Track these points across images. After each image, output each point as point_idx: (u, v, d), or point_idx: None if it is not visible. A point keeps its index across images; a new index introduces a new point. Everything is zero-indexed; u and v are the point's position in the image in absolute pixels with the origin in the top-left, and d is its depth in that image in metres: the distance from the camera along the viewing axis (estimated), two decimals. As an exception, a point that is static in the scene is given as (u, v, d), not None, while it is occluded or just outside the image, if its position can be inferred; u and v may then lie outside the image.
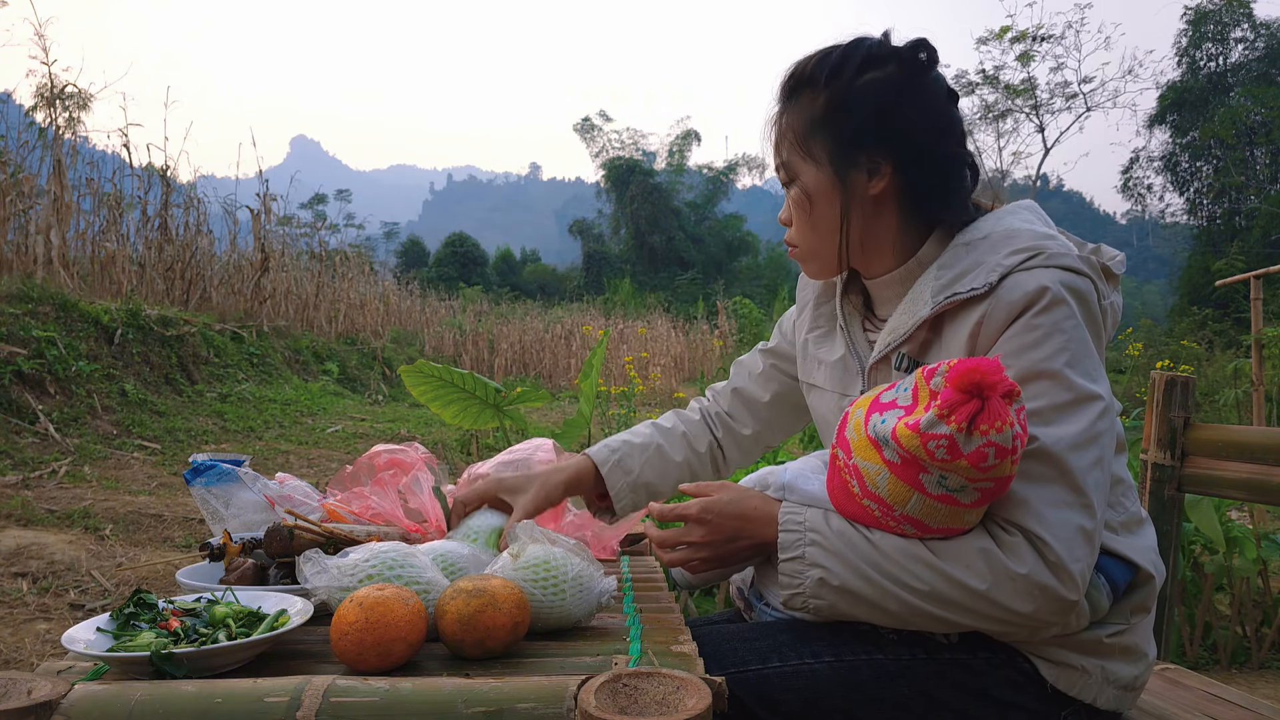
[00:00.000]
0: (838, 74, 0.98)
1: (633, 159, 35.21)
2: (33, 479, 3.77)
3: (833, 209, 1.01)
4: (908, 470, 0.83)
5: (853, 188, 1.00)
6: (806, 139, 1.01)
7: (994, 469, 0.79)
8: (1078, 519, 0.84)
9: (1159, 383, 1.50)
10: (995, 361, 0.78)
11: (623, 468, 1.26)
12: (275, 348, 8.15)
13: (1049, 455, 0.85)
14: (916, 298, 0.98)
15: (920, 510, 0.85)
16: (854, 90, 0.97)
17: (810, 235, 1.05)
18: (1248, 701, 1.26)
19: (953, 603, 0.86)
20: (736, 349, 13.35)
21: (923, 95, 0.99)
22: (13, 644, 2.28)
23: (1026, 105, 24.40)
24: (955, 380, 0.78)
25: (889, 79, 0.98)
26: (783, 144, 1.03)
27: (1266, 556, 2.81)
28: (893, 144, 0.98)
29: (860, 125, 0.98)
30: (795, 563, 0.92)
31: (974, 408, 0.77)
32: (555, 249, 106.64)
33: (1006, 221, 0.98)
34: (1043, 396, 0.87)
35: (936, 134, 1.00)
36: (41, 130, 7.38)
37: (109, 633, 0.80)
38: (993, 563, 0.84)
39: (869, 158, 0.99)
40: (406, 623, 0.78)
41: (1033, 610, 0.84)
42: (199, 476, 1.20)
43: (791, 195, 1.04)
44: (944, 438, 0.78)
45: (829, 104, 0.99)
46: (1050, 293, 0.88)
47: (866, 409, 0.89)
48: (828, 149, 1.00)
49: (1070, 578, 0.83)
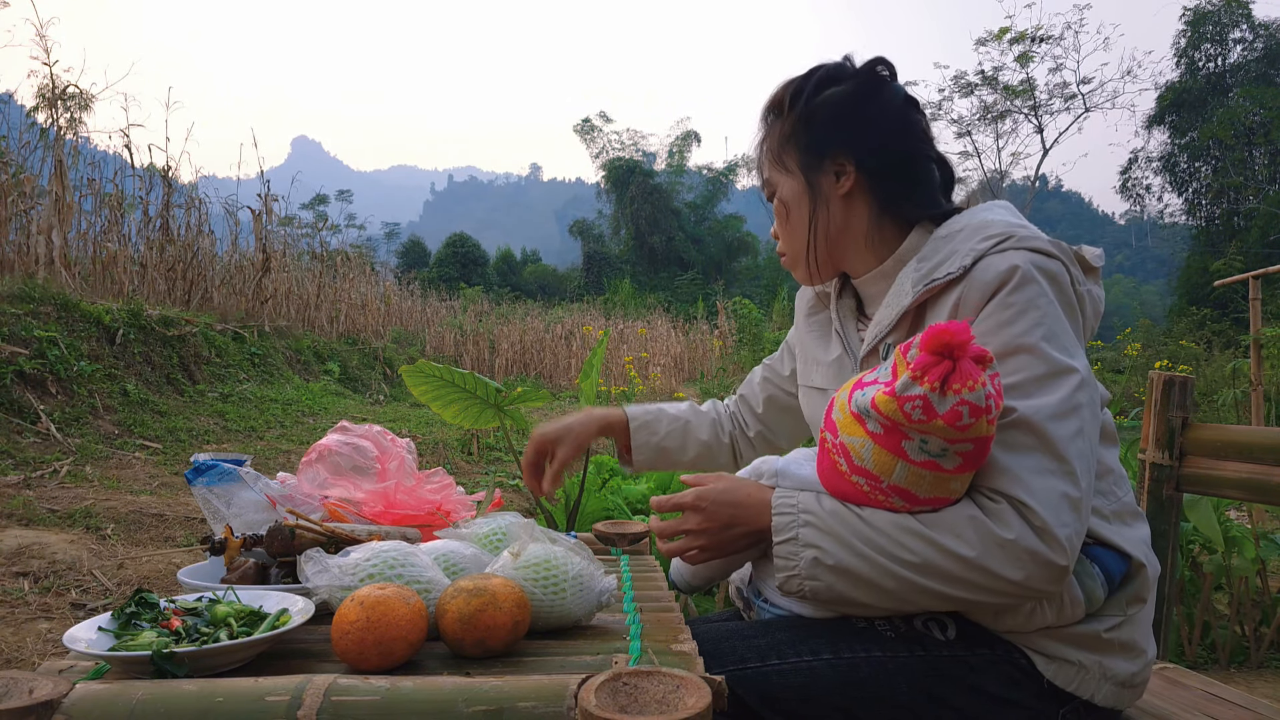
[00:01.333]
0: (799, 95, 1.09)
1: (633, 160, 35.19)
2: (34, 479, 3.78)
3: (804, 212, 1.10)
4: (890, 438, 0.86)
5: (821, 189, 1.09)
6: (780, 154, 1.11)
7: (971, 428, 0.81)
8: (1062, 486, 0.85)
9: (1158, 383, 1.50)
10: (964, 324, 0.81)
11: (649, 428, 1.37)
12: (276, 348, 8.15)
13: (1029, 424, 0.87)
14: (899, 290, 1.03)
15: (906, 479, 0.87)
16: (815, 105, 1.08)
17: (791, 240, 1.14)
18: (1247, 701, 1.26)
19: (945, 573, 0.86)
20: (736, 349, 13.33)
21: (879, 101, 1.07)
22: (14, 643, 2.29)
23: (1025, 106, 24.42)
24: (926, 344, 0.82)
25: (846, 92, 1.07)
26: (764, 164, 1.14)
27: (1265, 556, 2.81)
28: (852, 145, 1.07)
29: (823, 133, 1.07)
30: (790, 544, 0.93)
31: (946, 368, 0.80)
32: (555, 249, 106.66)
33: (981, 215, 1.03)
34: (1021, 370, 0.90)
35: (895, 134, 1.07)
36: (43, 131, 7.39)
37: (110, 632, 0.80)
38: (980, 529, 0.86)
39: (834, 161, 1.07)
40: (407, 622, 0.78)
41: (1024, 577, 0.84)
42: (200, 476, 1.21)
43: (775, 206, 1.14)
44: (919, 398, 0.81)
45: (795, 121, 1.09)
46: (1021, 270, 0.92)
47: (849, 389, 0.92)
48: (798, 159, 1.10)
49: (1057, 542, 0.84)
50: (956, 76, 24.69)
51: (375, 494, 1.25)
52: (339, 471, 1.28)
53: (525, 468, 1.34)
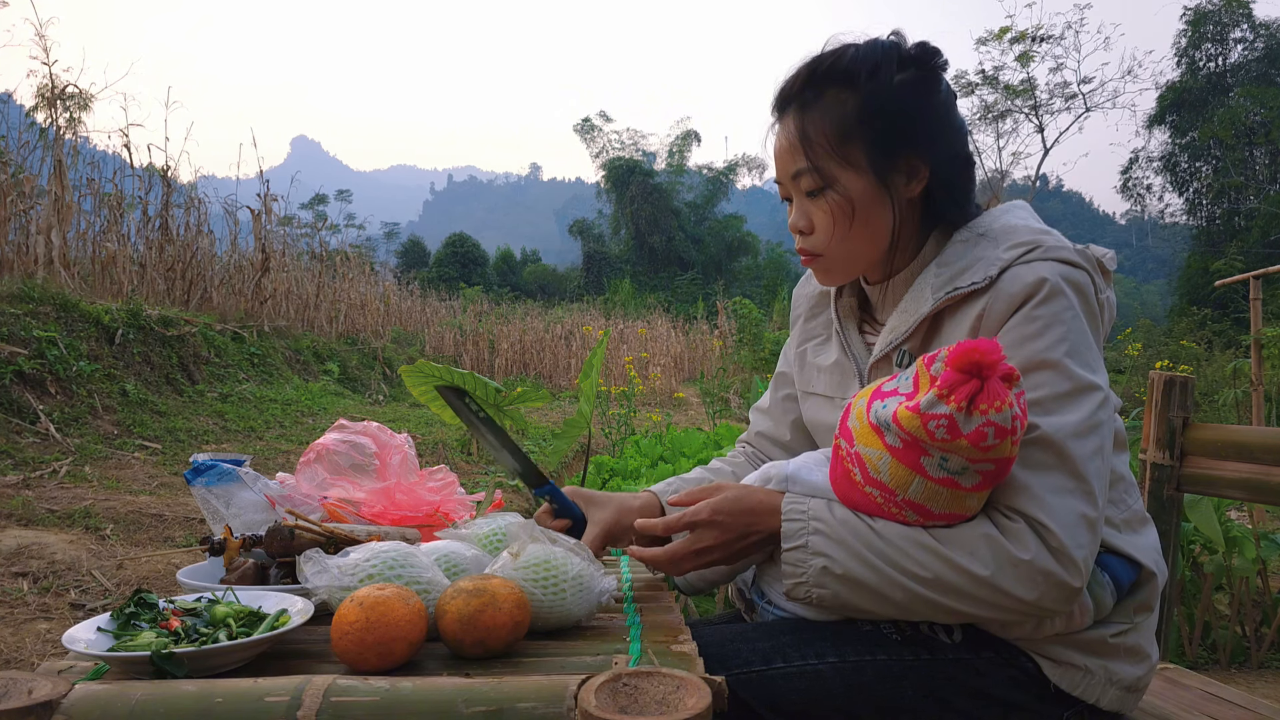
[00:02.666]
0: (875, 74, 0.96)
1: (633, 159, 35.20)
2: (33, 479, 3.78)
3: (881, 215, 0.99)
4: (909, 453, 0.84)
5: (896, 191, 0.99)
6: (842, 143, 0.97)
7: (994, 449, 0.80)
8: (1080, 506, 0.84)
9: (1158, 383, 1.50)
10: (994, 343, 0.79)
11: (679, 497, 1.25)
12: (276, 348, 8.15)
13: (1050, 443, 0.86)
14: (917, 295, 0.99)
15: (922, 494, 0.86)
16: (892, 91, 0.96)
17: (848, 242, 1.01)
18: (1247, 701, 1.26)
19: (957, 590, 0.85)
20: (736, 349, 13.34)
21: (947, 96, 1.01)
22: (13, 644, 2.28)
23: (1026, 105, 24.42)
24: (955, 361, 0.79)
25: (921, 80, 0.98)
26: (809, 149, 0.98)
27: (1265, 556, 2.81)
28: (931, 146, 0.98)
29: (901, 127, 0.97)
30: (799, 551, 0.92)
31: (973, 387, 0.78)
32: (555, 249, 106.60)
33: (1004, 219, 1.00)
34: (1044, 386, 0.88)
35: (958, 134, 1.02)
36: (42, 130, 7.38)
37: (110, 632, 0.80)
38: (996, 548, 0.85)
39: (907, 161, 0.98)
40: (407, 622, 0.78)
41: (1037, 597, 0.84)
42: (200, 476, 1.20)
43: (827, 202, 0.99)
44: (944, 417, 0.79)
45: (866, 106, 0.96)
46: (1049, 284, 0.90)
47: (869, 398, 0.90)
48: (866, 153, 0.97)
49: (1073, 564, 0.83)
50: (957, 76, 24.66)
51: (375, 493, 1.25)
52: (338, 470, 1.28)
53: None
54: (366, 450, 1.30)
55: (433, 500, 1.29)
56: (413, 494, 1.28)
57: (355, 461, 1.29)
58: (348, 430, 1.33)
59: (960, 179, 1.01)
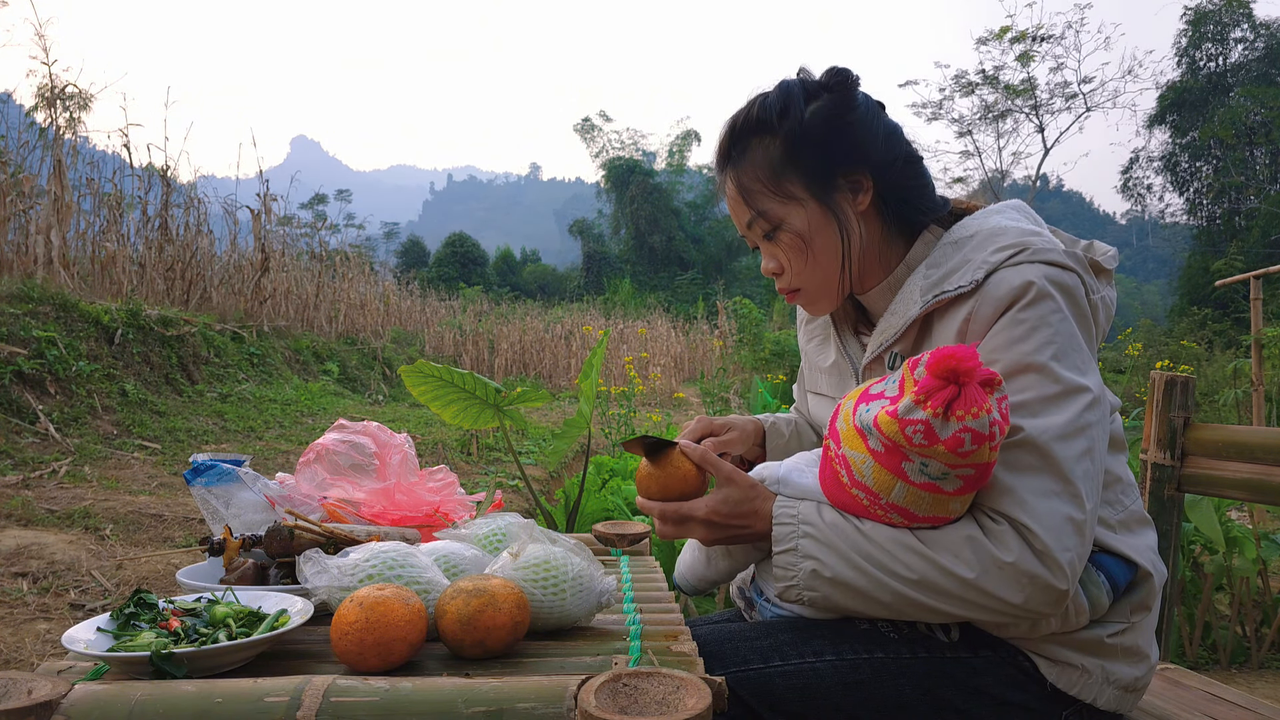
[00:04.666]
0: (786, 113, 1.00)
1: (633, 159, 35.20)
2: (33, 479, 3.77)
3: (832, 239, 1.02)
4: (891, 458, 0.85)
5: (842, 211, 1.02)
6: (778, 184, 1.01)
7: (972, 454, 0.80)
8: (1065, 508, 0.84)
9: (1159, 383, 1.50)
10: (972, 349, 0.80)
11: (776, 430, 1.27)
12: (275, 348, 8.15)
13: (1034, 445, 0.86)
14: (906, 297, 1.00)
15: (905, 498, 0.86)
16: (808, 121, 1.00)
17: (814, 273, 1.04)
18: (1248, 701, 1.26)
19: (943, 591, 0.86)
20: (736, 349, 13.33)
21: (868, 107, 1.03)
22: (13, 644, 2.28)
23: (1026, 105, 24.40)
24: (933, 367, 0.80)
25: (835, 104, 1.00)
26: (750, 199, 1.03)
27: (1266, 556, 2.81)
28: (865, 156, 1.01)
29: (828, 150, 1.00)
30: (789, 555, 0.93)
31: (950, 393, 0.79)
32: (555, 249, 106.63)
33: (993, 220, 1.00)
34: (1030, 389, 0.88)
35: (893, 138, 1.03)
36: (42, 130, 7.38)
37: (109, 633, 0.80)
38: (979, 551, 0.85)
39: (846, 177, 1.01)
40: (407, 622, 0.78)
41: (1023, 600, 0.84)
42: (199, 476, 1.20)
43: (782, 241, 1.03)
44: (920, 423, 0.80)
45: (787, 143, 1.00)
46: (1035, 287, 0.90)
47: (855, 400, 0.91)
48: (803, 183, 1.01)
49: (1059, 566, 0.83)
50: (957, 76, 24.68)
51: (375, 493, 1.25)
52: (338, 470, 1.28)
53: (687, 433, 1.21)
54: (366, 450, 1.30)
55: (432, 500, 1.29)
56: (412, 494, 1.28)
57: (355, 461, 1.29)
58: (347, 430, 1.33)
59: (906, 177, 1.03)
